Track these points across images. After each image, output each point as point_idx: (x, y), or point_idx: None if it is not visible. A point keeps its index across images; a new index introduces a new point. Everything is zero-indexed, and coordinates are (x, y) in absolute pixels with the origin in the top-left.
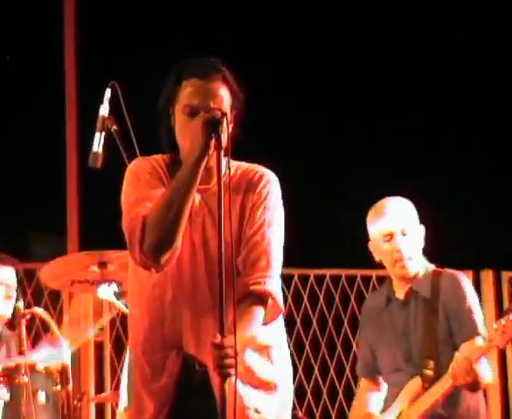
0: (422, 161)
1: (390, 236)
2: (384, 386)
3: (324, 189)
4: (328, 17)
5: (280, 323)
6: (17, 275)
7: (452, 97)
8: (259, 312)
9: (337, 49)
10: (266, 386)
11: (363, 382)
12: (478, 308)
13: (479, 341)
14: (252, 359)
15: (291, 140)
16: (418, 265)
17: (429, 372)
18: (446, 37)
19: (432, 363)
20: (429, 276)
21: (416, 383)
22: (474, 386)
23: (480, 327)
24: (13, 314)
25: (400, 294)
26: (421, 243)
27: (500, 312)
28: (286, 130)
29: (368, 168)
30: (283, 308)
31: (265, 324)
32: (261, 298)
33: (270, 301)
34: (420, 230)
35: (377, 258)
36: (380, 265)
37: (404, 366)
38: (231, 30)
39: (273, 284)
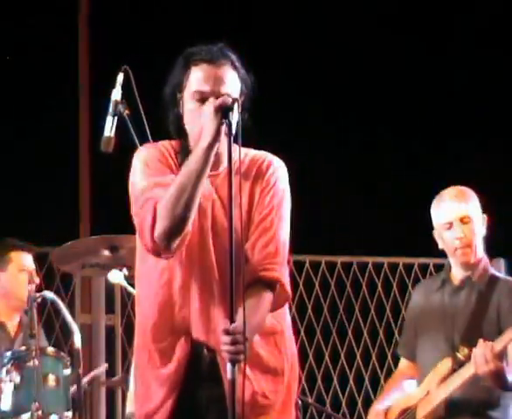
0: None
1: (449, 225)
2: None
3: (337, 176)
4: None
5: (286, 310)
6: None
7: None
8: (267, 298)
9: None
10: (273, 372)
11: (402, 363)
12: None
13: (508, 332)
14: (259, 345)
15: (301, 125)
16: (478, 254)
17: (461, 357)
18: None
19: (466, 350)
20: (487, 272)
21: (446, 364)
22: (498, 380)
23: None
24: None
25: (456, 280)
26: (482, 232)
27: None
28: (295, 114)
29: (386, 154)
30: (290, 294)
31: (273, 310)
32: (269, 285)
33: (278, 287)
34: (482, 219)
35: (440, 246)
36: (392, 253)
37: (443, 349)
38: (238, 21)
39: (281, 270)
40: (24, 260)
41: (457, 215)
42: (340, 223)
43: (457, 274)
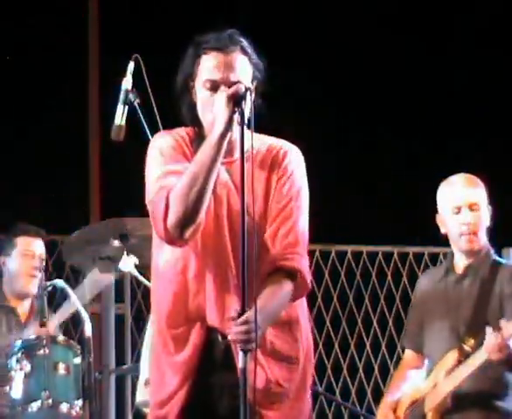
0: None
1: (458, 209)
2: (426, 361)
3: (337, 176)
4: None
5: (302, 298)
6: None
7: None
8: (286, 287)
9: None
10: (288, 359)
11: (407, 355)
12: None
13: None
14: (273, 333)
15: (301, 125)
16: (482, 243)
17: (467, 348)
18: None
19: (472, 341)
20: (490, 259)
21: (453, 356)
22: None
23: None
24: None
25: (459, 269)
26: (487, 222)
27: None
28: (295, 114)
29: (386, 154)
30: (310, 285)
31: (292, 300)
32: (290, 274)
33: (298, 278)
34: (488, 210)
35: (442, 231)
36: (401, 242)
37: (449, 339)
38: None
39: (301, 260)
40: (29, 245)
41: (467, 201)
42: (340, 222)
43: (460, 262)
